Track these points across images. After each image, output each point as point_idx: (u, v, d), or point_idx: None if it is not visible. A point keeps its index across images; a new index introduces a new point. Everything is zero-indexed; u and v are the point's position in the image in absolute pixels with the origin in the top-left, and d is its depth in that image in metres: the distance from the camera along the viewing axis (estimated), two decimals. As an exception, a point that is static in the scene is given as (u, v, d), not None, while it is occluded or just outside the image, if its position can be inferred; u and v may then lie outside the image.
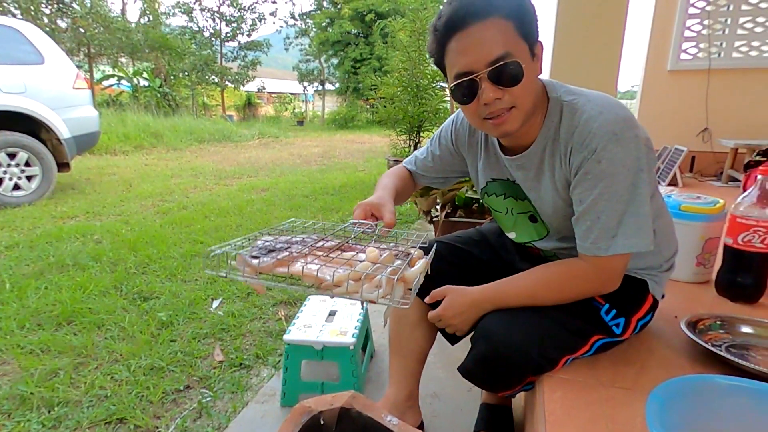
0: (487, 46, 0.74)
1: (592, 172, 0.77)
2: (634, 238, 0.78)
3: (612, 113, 0.77)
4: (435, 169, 1.10)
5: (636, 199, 0.77)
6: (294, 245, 0.79)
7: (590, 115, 0.77)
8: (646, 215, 0.78)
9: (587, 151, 0.77)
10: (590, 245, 0.80)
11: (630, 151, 0.76)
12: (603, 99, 0.81)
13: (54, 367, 1.53)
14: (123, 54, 14.06)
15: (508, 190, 0.97)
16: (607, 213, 0.77)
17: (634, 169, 0.76)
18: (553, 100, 0.84)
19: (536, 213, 0.94)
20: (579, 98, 0.82)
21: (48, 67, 4.06)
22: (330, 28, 18.17)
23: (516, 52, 0.74)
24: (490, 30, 0.73)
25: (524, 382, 0.87)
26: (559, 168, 0.83)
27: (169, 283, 2.27)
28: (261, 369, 1.59)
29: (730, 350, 0.89)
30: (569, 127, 0.80)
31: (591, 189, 0.78)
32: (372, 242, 0.83)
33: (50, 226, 3.25)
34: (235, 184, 5.16)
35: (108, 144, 7.59)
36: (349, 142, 10.88)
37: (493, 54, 0.74)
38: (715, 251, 1.27)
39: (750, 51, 3.48)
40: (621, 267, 0.82)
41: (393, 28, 6.50)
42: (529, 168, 0.89)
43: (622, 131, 0.76)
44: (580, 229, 0.82)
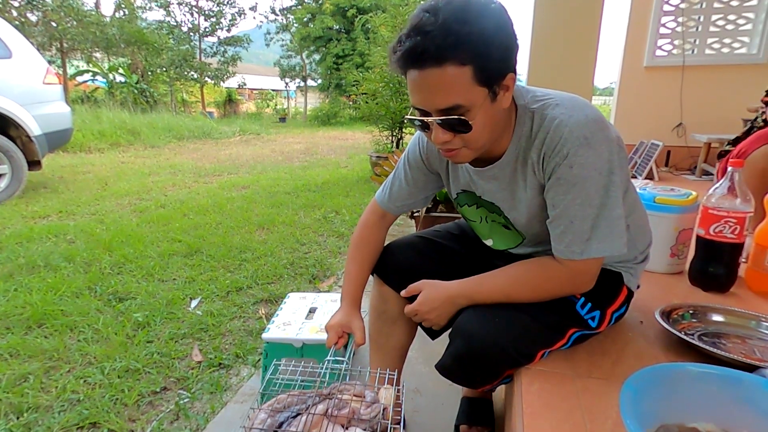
0: (438, 94, 0.71)
1: (564, 177, 0.77)
2: (607, 242, 0.78)
3: (582, 114, 0.76)
4: (412, 193, 1.05)
5: (608, 202, 0.77)
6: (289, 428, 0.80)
7: (561, 120, 0.76)
8: (619, 218, 0.79)
9: (559, 157, 0.76)
10: (564, 248, 0.80)
11: (601, 154, 0.75)
12: (570, 101, 0.80)
13: (23, 372, 1.48)
14: (97, 49, 13.63)
15: (477, 201, 0.97)
16: (580, 217, 0.78)
17: (605, 171, 0.76)
18: (521, 108, 0.82)
19: (509, 223, 0.94)
20: (547, 103, 0.80)
21: (16, 62, 3.90)
22: (311, 23, 17.96)
23: (469, 101, 0.71)
24: (443, 78, 0.69)
25: (502, 377, 0.87)
26: (532, 175, 0.83)
27: (145, 282, 2.21)
28: (241, 368, 1.56)
29: (703, 338, 0.91)
30: (540, 134, 0.79)
31: (564, 194, 0.78)
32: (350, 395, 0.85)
33: (20, 226, 3.13)
34: (215, 181, 5.08)
35: (82, 141, 7.36)
36: (331, 139, 10.81)
37: (443, 103, 0.72)
38: (688, 242, 1.29)
39: (722, 48, 3.58)
40: (595, 269, 0.83)
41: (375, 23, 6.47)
42: (501, 178, 0.88)
43: (592, 134, 0.75)
44: (554, 232, 0.82)
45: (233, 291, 2.16)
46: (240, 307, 2.01)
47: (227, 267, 2.46)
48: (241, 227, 3.20)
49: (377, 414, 0.80)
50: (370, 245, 1.08)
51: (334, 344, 0.99)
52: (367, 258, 1.07)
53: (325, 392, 0.85)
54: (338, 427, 0.78)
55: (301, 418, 0.79)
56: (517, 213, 0.90)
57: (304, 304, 1.50)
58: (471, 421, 1.19)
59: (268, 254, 2.65)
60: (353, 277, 1.06)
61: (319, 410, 0.81)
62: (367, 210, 1.11)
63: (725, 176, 1.10)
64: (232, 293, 2.14)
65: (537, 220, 0.87)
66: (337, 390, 0.86)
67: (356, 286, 1.05)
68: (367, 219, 1.10)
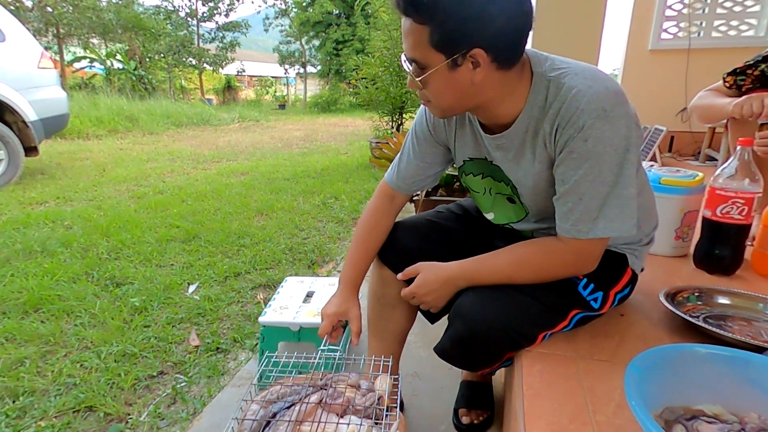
0: (405, 43, 0.74)
1: (577, 151, 0.73)
2: (616, 222, 0.75)
3: (602, 86, 0.72)
4: (420, 168, 1.00)
5: (621, 180, 0.74)
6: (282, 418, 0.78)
7: (579, 90, 0.72)
8: (631, 197, 0.75)
9: (574, 129, 0.72)
10: (570, 227, 0.77)
11: (618, 130, 0.71)
12: (591, 71, 0.75)
13: (19, 356, 1.47)
14: (94, 35, 13.47)
15: (485, 170, 0.93)
16: (590, 194, 0.74)
17: (621, 149, 0.72)
18: (537, 75, 0.77)
19: (515, 195, 0.90)
20: (566, 71, 0.76)
21: (9, 46, 3.84)
22: (311, 8, 17.66)
23: (424, 60, 0.73)
24: (408, 29, 0.72)
25: (503, 359, 0.85)
26: (542, 148, 0.79)
27: (143, 268, 2.20)
28: (238, 353, 1.55)
29: (708, 321, 0.89)
30: (555, 104, 0.74)
31: (575, 169, 0.74)
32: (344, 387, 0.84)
33: (17, 212, 3.11)
34: (214, 168, 5.04)
35: (80, 128, 7.30)
36: (331, 126, 10.72)
37: (407, 53, 0.75)
38: (693, 225, 1.26)
39: (729, 30, 3.50)
40: (600, 250, 0.80)
41: (375, 6, 6.35)
42: (508, 148, 0.84)
43: (612, 107, 0.71)
44: (560, 210, 0.78)
45: (231, 276, 2.14)
46: (238, 292, 1.99)
47: (225, 252, 2.44)
48: (240, 213, 3.18)
49: (372, 403, 0.79)
50: (377, 230, 1.03)
51: (328, 334, 0.97)
52: (372, 243, 1.03)
53: (319, 383, 0.84)
54: (332, 415, 0.77)
55: (295, 408, 0.78)
56: (524, 185, 0.86)
57: (302, 288, 1.49)
58: (470, 404, 1.18)
59: (266, 240, 2.63)
60: (355, 262, 1.02)
61: (313, 400, 0.79)
62: (376, 193, 1.06)
63: (734, 155, 1.07)
64: (230, 278, 2.12)
65: (543, 195, 0.84)
66: (332, 381, 0.84)
67: (357, 271, 1.02)
68: (375, 203, 1.05)
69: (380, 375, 0.87)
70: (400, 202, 1.06)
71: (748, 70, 1.40)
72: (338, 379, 0.85)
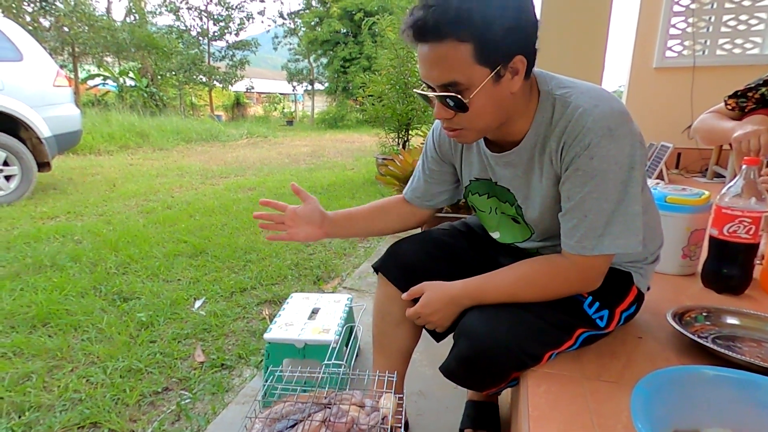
0: (436, 69, 0.71)
1: (583, 169, 0.74)
2: (622, 239, 0.76)
3: (607, 106, 0.74)
4: (430, 185, 1.04)
5: (626, 198, 0.75)
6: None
7: (585, 109, 0.74)
8: (636, 215, 0.76)
9: (580, 147, 0.74)
10: (575, 244, 0.78)
11: (623, 148, 0.73)
12: (597, 91, 0.77)
13: (26, 371, 1.48)
14: (108, 53, 13.83)
15: (490, 190, 0.95)
16: (595, 211, 0.75)
17: (626, 166, 0.73)
18: (544, 94, 0.80)
19: (519, 216, 0.91)
20: (572, 91, 0.78)
21: (27, 65, 3.95)
22: (319, 27, 18.05)
23: (468, 79, 0.70)
24: (442, 53, 0.69)
25: (509, 379, 0.84)
26: (549, 165, 0.80)
27: (150, 283, 2.21)
28: (243, 369, 1.55)
29: (717, 341, 0.88)
30: (562, 122, 0.76)
31: (581, 186, 0.75)
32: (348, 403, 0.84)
33: (29, 226, 3.16)
34: (222, 183, 5.09)
35: (92, 144, 7.44)
36: (338, 142, 10.83)
37: (441, 79, 0.72)
38: (700, 243, 1.26)
39: (734, 48, 3.52)
40: (604, 267, 0.81)
41: (381, 26, 6.48)
42: (517, 165, 0.85)
43: (617, 126, 0.73)
44: (566, 226, 0.79)
45: (237, 292, 2.15)
46: (244, 307, 2.00)
47: (232, 268, 2.45)
48: (247, 228, 3.20)
49: (377, 422, 0.78)
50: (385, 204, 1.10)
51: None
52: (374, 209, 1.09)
53: (324, 401, 0.83)
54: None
55: (299, 427, 0.78)
56: (531, 203, 0.87)
57: (307, 304, 1.49)
58: (476, 425, 1.17)
59: (272, 255, 2.64)
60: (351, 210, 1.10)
61: (318, 419, 0.79)
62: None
63: (740, 174, 1.07)
64: (236, 294, 2.13)
65: (549, 213, 0.84)
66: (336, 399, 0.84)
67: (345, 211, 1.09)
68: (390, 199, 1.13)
69: (384, 393, 0.86)
70: (419, 215, 1.10)
71: (749, 92, 1.42)
72: (342, 398, 0.85)
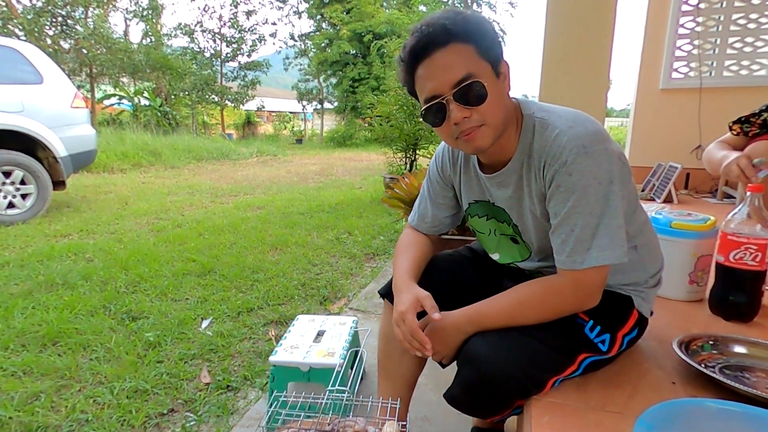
0: (450, 69, 0.77)
1: (564, 185, 0.79)
2: (608, 250, 0.78)
3: (581, 127, 0.79)
4: (437, 210, 1.07)
5: (608, 211, 0.78)
6: None
7: (561, 130, 0.80)
8: (619, 227, 0.79)
9: (558, 164, 0.79)
10: (566, 258, 0.80)
11: (600, 164, 0.77)
12: (573, 114, 0.83)
13: (35, 390, 1.50)
14: (124, 74, 14.24)
15: (489, 211, 0.98)
16: (581, 225, 0.78)
17: (605, 181, 0.77)
18: (526, 118, 0.86)
19: (517, 235, 0.94)
20: (550, 114, 0.84)
21: (46, 87, 4.09)
22: (329, 48, 18.43)
23: (478, 72, 0.78)
24: (451, 55, 0.77)
25: (513, 407, 0.84)
26: (535, 183, 0.85)
27: (158, 302, 2.24)
28: (248, 391, 1.55)
29: (724, 372, 0.87)
30: (541, 143, 0.82)
31: (564, 202, 0.79)
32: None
33: (42, 244, 3.22)
34: (231, 201, 5.16)
35: (106, 162, 7.61)
36: (346, 160, 10.94)
37: (456, 76, 0.77)
38: (707, 269, 1.25)
39: (740, 70, 3.53)
40: (599, 281, 0.82)
41: (390, 48, 6.60)
42: (508, 185, 0.90)
43: (591, 144, 0.77)
44: (556, 243, 0.83)
45: (244, 312, 2.16)
46: (250, 328, 2.01)
47: (239, 287, 2.47)
48: (255, 247, 3.23)
49: None
50: (418, 242, 1.06)
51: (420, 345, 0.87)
52: (417, 249, 1.04)
53: (327, 428, 0.83)
54: None
55: None
56: (525, 221, 0.91)
57: (313, 327, 1.49)
58: (481, 452, 1.15)
59: (279, 275, 2.65)
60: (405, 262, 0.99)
61: None
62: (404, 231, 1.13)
63: (745, 201, 1.07)
64: (243, 314, 2.14)
65: (542, 230, 0.88)
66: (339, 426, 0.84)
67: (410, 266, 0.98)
68: (407, 232, 1.11)
69: (387, 421, 0.86)
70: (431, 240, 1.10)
71: (752, 118, 1.45)
72: (346, 425, 0.85)
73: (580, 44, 2.26)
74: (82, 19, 12.67)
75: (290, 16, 22.95)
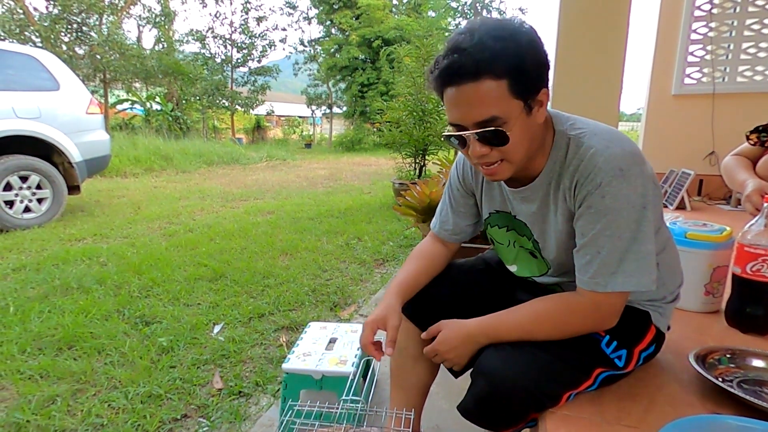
0: (475, 107, 0.74)
1: (596, 207, 0.76)
2: (635, 277, 0.76)
3: (618, 147, 0.76)
4: (458, 217, 1.06)
5: (639, 237, 0.76)
6: None
7: (597, 150, 0.77)
8: (649, 254, 0.77)
9: (591, 186, 0.76)
10: (588, 279, 0.79)
11: (636, 188, 0.75)
12: (609, 133, 0.80)
13: (52, 394, 1.52)
14: (137, 79, 14.45)
15: (509, 223, 0.97)
16: (608, 249, 0.76)
17: (638, 206, 0.75)
18: (559, 134, 0.83)
19: (536, 251, 0.93)
20: (585, 131, 0.81)
21: (63, 93, 4.18)
22: (338, 54, 18.57)
23: (506, 113, 0.74)
24: (479, 91, 0.72)
25: (527, 420, 0.83)
26: (563, 201, 0.83)
27: (171, 306, 2.26)
28: (260, 397, 1.56)
29: (742, 386, 0.85)
30: (575, 161, 0.79)
31: (593, 223, 0.77)
32: None
33: (58, 248, 3.28)
34: (242, 206, 5.20)
35: (119, 166, 7.73)
36: (355, 165, 10.97)
37: (480, 116, 0.74)
38: (724, 280, 1.23)
39: (754, 75, 3.49)
40: (619, 305, 0.80)
41: (399, 54, 6.63)
42: (533, 200, 0.88)
43: (628, 167, 0.75)
44: (579, 262, 0.80)
45: (255, 317, 2.18)
46: (261, 333, 2.02)
47: (250, 292, 2.49)
48: (265, 252, 3.25)
49: None
50: (430, 254, 1.06)
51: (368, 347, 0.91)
52: (424, 263, 1.04)
53: None
54: None
55: None
56: (547, 238, 0.89)
57: (325, 334, 1.50)
58: (494, 463, 1.14)
59: (290, 280, 2.67)
60: (404, 273, 1.01)
61: None
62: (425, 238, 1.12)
63: (761, 212, 1.06)
64: (254, 319, 2.16)
65: (564, 248, 0.86)
66: None
67: (404, 279, 1.00)
68: (425, 242, 1.10)
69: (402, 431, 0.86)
70: (450, 248, 1.09)
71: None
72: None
73: (592, 50, 2.26)
74: (97, 26, 12.91)
75: (300, 22, 23.17)
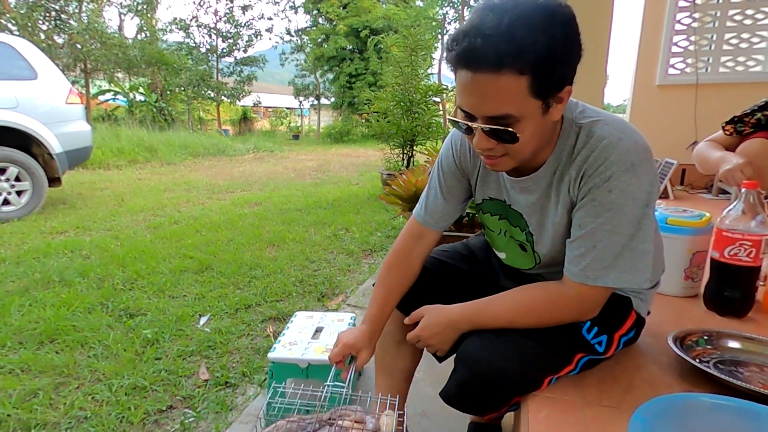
0: (488, 101, 0.68)
1: (600, 200, 0.74)
2: (628, 275, 0.76)
3: (631, 140, 0.74)
4: (449, 202, 0.99)
5: (638, 234, 0.75)
6: None
7: (609, 141, 0.74)
8: (646, 252, 0.76)
9: (600, 178, 0.74)
10: (579, 271, 0.78)
11: (643, 185, 0.73)
12: (621, 124, 0.77)
13: (33, 388, 1.50)
14: (119, 69, 14.12)
15: (503, 212, 0.94)
16: (605, 243, 0.75)
17: (642, 203, 0.74)
18: (567, 122, 0.79)
19: (528, 243, 0.91)
20: (597, 120, 0.77)
21: (41, 83, 4.06)
22: (325, 44, 18.35)
23: (521, 112, 0.68)
24: (497, 85, 0.65)
25: (509, 404, 0.85)
26: (566, 193, 0.80)
27: (156, 299, 2.24)
28: (247, 387, 1.56)
29: (718, 366, 0.88)
30: (585, 151, 0.76)
31: (594, 216, 0.75)
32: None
33: (38, 241, 3.21)
34: (228, 198, 5.15)
35: (101, 158, 7.57)
36: (343, 156, 10.92)
37: (492, 111, 0.69)
38: (703, 265, 1.26)
39: (736, 66, 3.54)
40: (603, 299, 0.81)
41: (387, 44, 6.58)
42: (533, 191, 0.85)
43: (640, 162, 0.73)
44: (572, 253, 0.79)
45: (242, 308, 2.17)
46: (248, 324, 2.01)
47: (237, 284, 2.47)
48: (252, 244, 3.23)
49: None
50: (403, 270, 1.01)
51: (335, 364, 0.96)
52: (396, 284, 1.00)
53: (324, 417, 0.84)
54: None
55: None
56: (543, 230, 0.87)
57: (311, 323, 1.50)
58: (479, 447, 1.16)
59: (277, 271, 2.66)
60: (379, 301, 0.99)
61: None
62: (403, 232, 1.03)
63: (740, 197, 1.08)
64: (241, 311, 2.15)
65: (560, 240, 0.84)
66: (336, 415, 0.84)
67: (379, 310, 0.98)
68: (402, 243, 1.02)
69: (386, 413, 0.87)
70: (429, 239, 1.02)
71: (745, 118, 1.46)
72: (343, 414, 0.85)
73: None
74: (76, 13, 12.54)
75: (286, 11, 22.71)
